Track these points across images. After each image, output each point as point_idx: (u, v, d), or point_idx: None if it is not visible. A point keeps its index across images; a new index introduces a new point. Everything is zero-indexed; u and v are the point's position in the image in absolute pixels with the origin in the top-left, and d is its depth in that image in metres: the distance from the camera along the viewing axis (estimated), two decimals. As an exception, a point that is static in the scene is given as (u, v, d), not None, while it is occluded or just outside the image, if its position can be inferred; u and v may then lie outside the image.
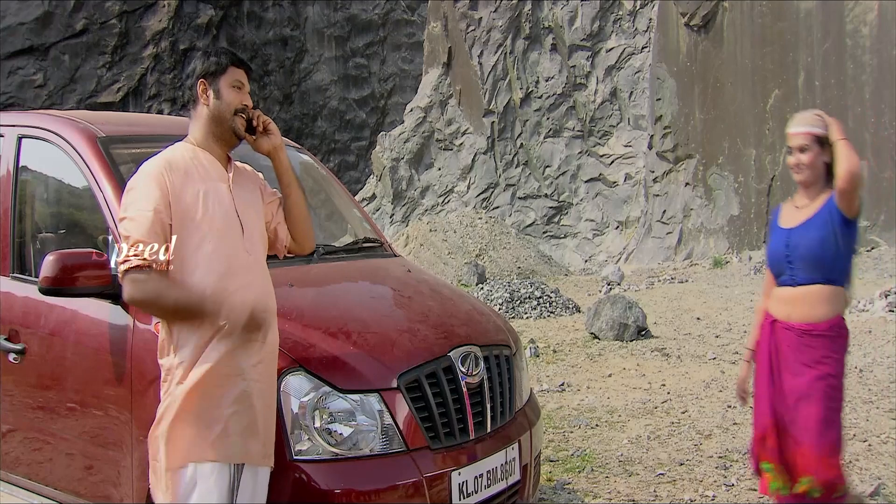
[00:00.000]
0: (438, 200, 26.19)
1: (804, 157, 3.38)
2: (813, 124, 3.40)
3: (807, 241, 3.33)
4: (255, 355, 2.70)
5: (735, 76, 17.54)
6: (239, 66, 2.85)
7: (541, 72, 25.69)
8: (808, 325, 3.31)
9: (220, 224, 2.72)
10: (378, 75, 37.17)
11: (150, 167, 2.73)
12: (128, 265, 2.59)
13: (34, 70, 30.26)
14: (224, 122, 2.82)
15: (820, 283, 3.32)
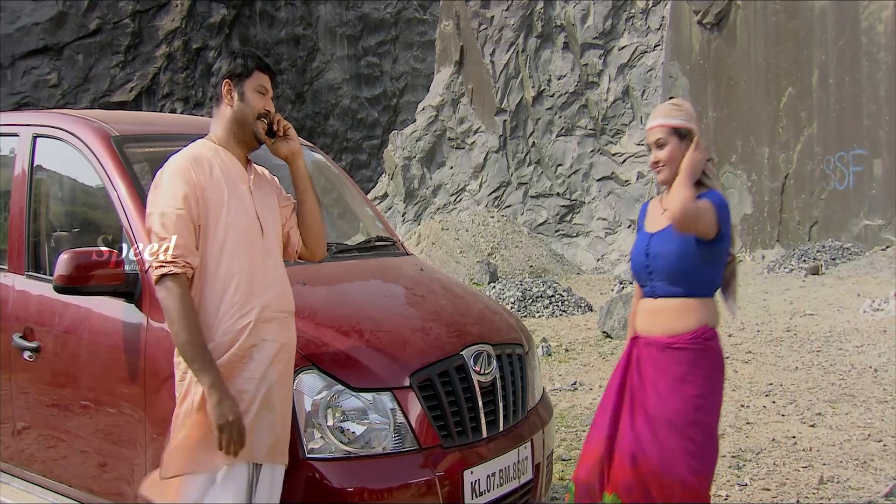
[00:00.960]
0: (450, 199, 26.18)
1: (662, 153, 2.99)
2: (668, 115, 3.01)
3: (665, 253, 2.94)
4: (273, 356, 2.71)
5: (748, 74, 17.46)
6: (265, 72, 2.87)
7: (553, 70, 25.64)
8: (669, 339, 2.89)
9: (242, 224, 2.74)
10: (390, 74, 37.19)
11: (177, 163, 2.75)
12: (164, 270, 2.61)
13: (48, 70, 30.41)
14: (246, 125, 2.84)
15: (681, 296, 2.93)
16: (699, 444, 2.83)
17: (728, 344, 8.59)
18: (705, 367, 2.88)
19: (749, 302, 11.00)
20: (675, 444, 2.81)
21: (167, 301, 2.64)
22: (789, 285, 12.23)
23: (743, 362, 7.80)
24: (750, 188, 17.45)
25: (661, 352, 2.91)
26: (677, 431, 2.82)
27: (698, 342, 2.88)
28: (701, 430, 2.84)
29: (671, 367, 2.88)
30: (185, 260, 2.63)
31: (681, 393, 2.84)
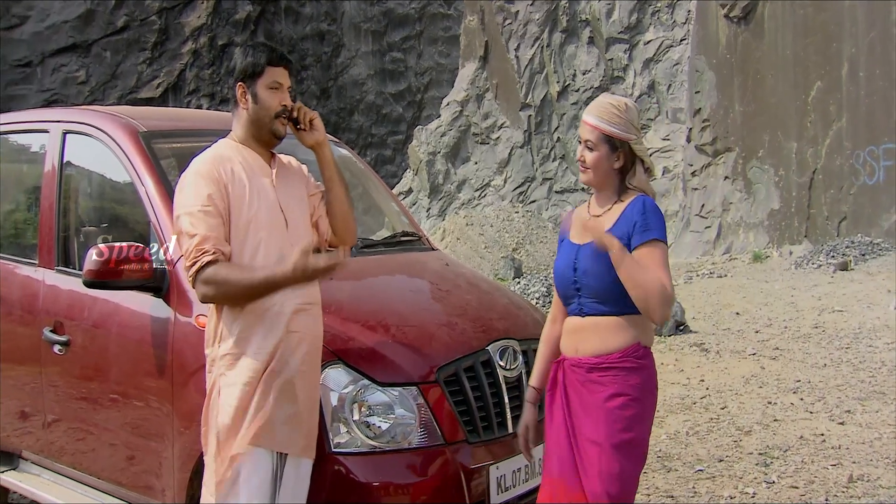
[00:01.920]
0: (475, 194, 26.15)
1: (589, 155, 2.71)
2: (606, 118, 2.69)
3: (596, 269, 2.64)
4: (299, 347, 2.73)
5: (776, 68, 17.27)
6: (277, 65, 2.83)
7: (578, 65, 25.51)
8: (597, 359, 2.64)
9: (265, 219, 2.76)
10: (414, 69, 37.18)
11: (199, 164, 2.77)
12: (196, 265, 2.63)
13: (77, 67, 30.72)
14: (263, 126, 2.85)
15: (611, 314, 2.66)
16: (622, 469, 2.59)
17: (755, 340, 8.52)
18: (635, 388, 2.62)
19: (776, 298, 10.90)
20: (597, 465, 2.59)
21: (209, 290, 2.65)
22: (817, 281, 12.10)
23: (770, 359, 7.73)
24: (777, 183, 17.27)
25: (588, 373, 2.65)
26: (599, 451, 2.59)
27: (628, 360, 2.63)
28: (626, 453, 2.60)
29: (598, 388, 2.63)
30: (216, 247, 2.65)
31: (606, 413, 2.60)
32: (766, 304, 10.53)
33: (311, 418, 2.77)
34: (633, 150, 2.71)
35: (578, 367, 2.67)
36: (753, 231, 17.61)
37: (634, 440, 2.62)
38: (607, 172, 2.72)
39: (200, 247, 2.64)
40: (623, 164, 2.71)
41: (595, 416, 2.62)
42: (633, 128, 2.71)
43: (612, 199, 2.75)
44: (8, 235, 4.49)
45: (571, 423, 2.68)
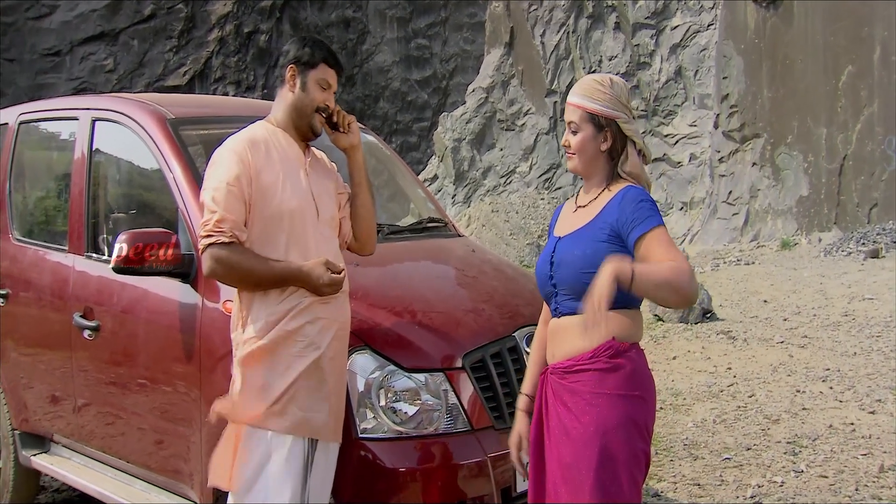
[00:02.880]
0: (500, 181, 26.07)
1: (574, 139, 2.48)
2: (589, 96, 2.46)
3: (570, 259, 2.40)
4: (326, 332, 2.74)
5: (805, 53, 17.02)
6: (331, 66, 2.88)
7: (604, 51, 25.31)
8: (569, 361, 2.38)
9: (296, 206, 2.77)
10: (440, 56, 37.08)
11: (234, 143, 2.79)
12: (211, 240, 2.65)
13: (105, 55, 30.95)
14: (304, 115, 2.87)
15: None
16: (609, 491, 2.29)
17: (783, 328, 8.44)
18: (611, 393, 2.32)
19: (805, 286, 10.79)
20: (583, 494, 2.30)
21: (217, 268, 2.68)
22: (847, 269, 11.95)
23: (799, 347, 7.65)
24: (806, 170, 17.06)
25: (561, 378, 2.39)
26: (583, 479, 2.30)
27: (601, 360, 2.33)
28: (611, 472, 2.29)
29: (571, 396, 2.36)
30: (234, 232, 2.67)
31: (581, 432, 2.31)
32: (795, 292, 10.42)
33: (339, 403, 2.79)
34: (623, 129, 2.46)
35: (554, 374, 2.44)
36: (782, 218, 17.42)
37: (621, 455, 2.31)
38: (594, 156, 2.48)
39: (219, 226, 2.66)
40: (611, 145, 2.47)
41: (573, 440, 2.33)
42: (621, 104, 2.47)
43: (601, 187, 2.50)
44: (39, 222, 4.54)
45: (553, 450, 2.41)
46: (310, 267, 2.69)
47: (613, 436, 2.31)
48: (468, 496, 2.93)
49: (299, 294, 2.72)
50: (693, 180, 22.57)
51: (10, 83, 29.02)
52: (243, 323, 2.75)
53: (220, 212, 2.66)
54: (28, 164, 4.70)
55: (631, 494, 2.32)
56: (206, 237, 2.68)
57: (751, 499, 4.45)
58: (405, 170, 4.64)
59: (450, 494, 2.90)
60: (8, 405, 4.37)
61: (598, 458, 2.29)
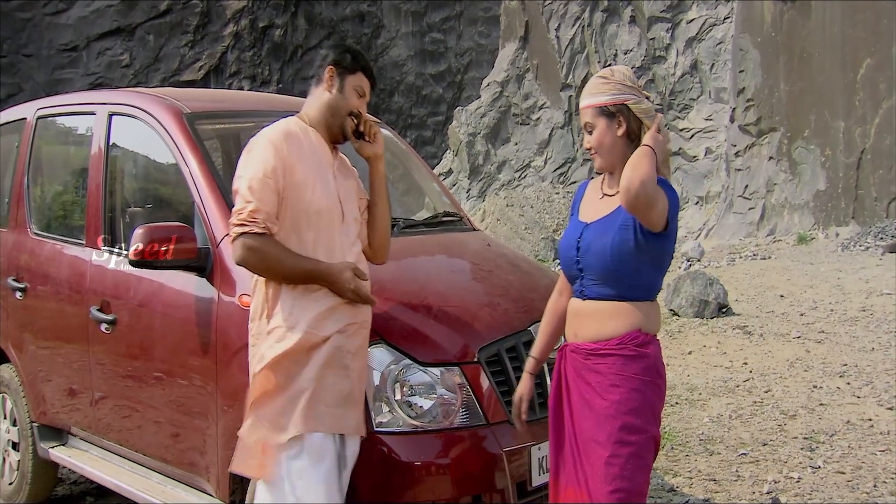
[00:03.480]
0: (515, 175, 26.02)
1: (591, 138, 2.60)
2: (595, 93, 2.58)
3: (599, 247, 2.52)
4: (348, 332, 2.74)
5: (823, 46, 16.88)
6: (368, 77, 2.95)
7: (619, 45, 25.19)
8: (594, 344, 2.53)
9: (325, 206, 2.79)
10: (454, 50, 37.02)
11: (271, 133, 2.80)
12: (244, 230, 2.67)
13: (121, 50, 31.09)
14: (338, 116, 2.90)
15: (613, 299, 2.54)
16: (624, 465, 2.45)
17: (800, 323, 8.39)
18: (633, 376, 2.49)
19: (822, 281, 10.71)
20: (598, 464, 2.47)
21: (248, 256, 2.69)
22: (865, 263, 11.86)
23: (815, 342, 7.60)
24: (823, 164, 16.93)
25: (585, 359, 2.54)
26: (601, 449, 2.47)
27: (627, 348, 2.50)
28: (628, 450, 2.46)
29: (594, 376, 2.52)
30: (267, 224, 2.68)
31: (605, 407, 2.48)
32: (812, 287, 10.35)
33: (362, 397, 2.79)
34: (634, 111, 2.55)
35: (576, 353, 2.58)
36: (798, 212, 17.31)
37: (637, 435, 2.47)
38: (613, 144, 2.57)
39: (253, 216, 2.67)
40: (626, 128, 2.55)
41: (595, 413, 2.51)
42: (627, 88, 2.56)
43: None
44: (56, 216, 4.57)
45: (572, 422, 2.59)
46: (339, 269, 2.72)
47: (633, 417, 2.48)
48: (484, 490, 2.93)
49: (325, 291, 2.73)
50: (709, 174, 22.46)
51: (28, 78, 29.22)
52: (268, 314, 2.75)
53: (255, 202, 2.67)
54: (46, 159, 4.73)
55: (643, 472, 2.50)
56: (239, 226, 2.69)
57: (767, 494, 4.43)
58: (420, 164, 4.64)
59: (465, 488, 2.91)
60: (27, 398, 4.41)
61: (617, 434, 2.46)
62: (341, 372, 2.71)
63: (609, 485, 2.45)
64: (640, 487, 2.49)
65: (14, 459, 4.58)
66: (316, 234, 2.77)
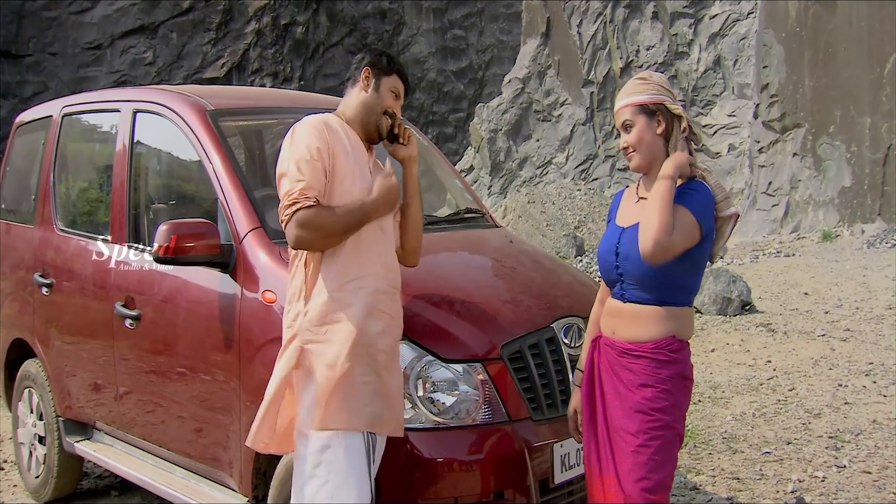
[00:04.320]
0: (537, 172, 25.96)
1: (630, 136, 2.64)
2: (634, 93, 2.65)
3: (637, 256, 2.56)
4: (384, 327, 2.74)
5: (849, 41, 16.69)
6: (402, 80, 2.99)
7: (641, 41, 25.06)
8: (630, 345, 2.62)
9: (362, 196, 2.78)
10: (476, 47, 36.96)
11: (311, 119, 2.82)
12: (297, 206, 2.66)
13: (144, 48, 31.30)
14: (374, 114, 2.92)
15: (652, 303, 2.61)
16: (652, 456, 2.54)
17: (824, 321, 8.31)
18: (665, 379, 2.57)
19: (847, 278, 10.61)
20: (627, 454, 2.57)
21: (304, 234, 2.67)
22: (891, 261, 11.73)
23: (840, 340, 7.53)
24: (849, 160, 16.76)
25: (619, 356, 2.64)
26: (632, 439, 2.57)
27: (662, 353, 2.58)
28: (656, 443, 2.55)
29: (627, 373, 2.61)
30: (318, 197, 2.69)
31: (636, 402, 2.57)
32: (836, 285, 10.25)
33: (397, 396, 2.78)
34: (671, 109, 2.63)
35: (611, 348, 2.67)
36: (823, 209, 17.14)
37: (665, 430, 2.57)
38: (652, 143, 2.63)
39: (305, 192, 2.66)
40: (665, 127, 2.62)
41: (626, 406, 2.60)
42: (664, 90, 2.65)
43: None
44: (81, 212, 4.60)
45: (604, 412, 2.67)
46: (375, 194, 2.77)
47: (662, 413, 2.56)
48: (506, 487, 2.93)
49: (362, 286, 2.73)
50: (732, 171, 22.31)
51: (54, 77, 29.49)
52: (305, 297, 2.76)
53: (306, 181, 2.67)
54: (71, 156, 4.77)
55: (669, 466, 2.59)
56: (292, 204, 2.67)
57: (791, 493, 4.39)
58: (442, 160, 4.63)
59: (488, 485, 2.90)
60: (52, 392, 4.45)
61: (646, 426, 2.55)
62: (372, 368, 2.71)
63: (636, 473, 2.54)
64: (666, 481, 2.57)
65: (40, 453, 4.63)
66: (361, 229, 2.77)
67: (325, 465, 2.65)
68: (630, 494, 2.56)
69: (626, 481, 2.57)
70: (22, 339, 4.72)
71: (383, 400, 2.71)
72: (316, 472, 2.66)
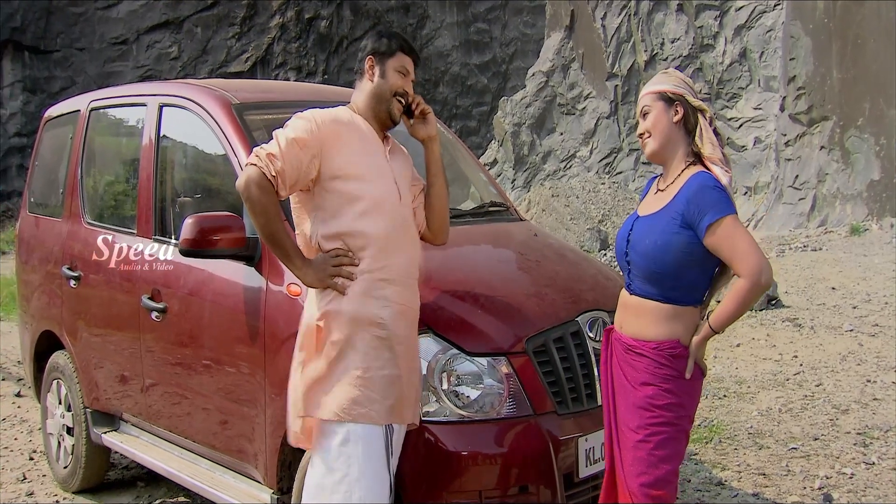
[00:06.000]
0: (560, 165, 25.84)
1: (646, 121, 2.67)
2: (656, 82, 2.70)
3: (642, 247, 2.58)
4: (400, 320, 2.74)
5: (878, 32, 16.45)
6: (407, 54, 2.95)
7: (666, 33, 24.84)
8: (634, 341, 2.62)
9: (378, 187, 2.79)
10: (500, 40, 36.83)
11: (319, 112, 2.83)
12: (256, 164, 2.69)
13: (169, 43, 31.46)
14: (383, 101, 2.91)
15: (656, 299, 2.59)
16: (651, 454, 2.56)
17: (852, 316, 8.22)
18: (667, 378, 2.57)
19: (876, 273, 10.48)
20: (629, 451, 2.61)
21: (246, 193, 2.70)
22: (920, 256, 11.59)
23: (869, 335, 7.44)
24: (878, 153, 16.54)
25: (625, 352, 2.66)
26: (632, 435, 2.60)
27: (661, 355, 2.57)
28: (656, 439, 2.57)
29: (630, 370, 2.63)
30: (281, 178, 2.68)
31: (638, 398, 2.59)
32: (865, 279, 10.13)
33: (413, 386, 2.78)
34: (690, 102, 2.64)
35: (619, 342, 2.71)
36: (851, 203, 16.94)
37: (668, 429, 2.57)
38: (668, 130, 2.64)
39: (272, 159, 2.68)
40: (682, 116, 2.64)
41: (629, 401, 2.63)
42: (685, 84, 2.68)
43: (679, 170, 2.65)
44: (108, 206, 4.64)
45: (613, 405, 2.71)
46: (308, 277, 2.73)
47: (663, 411, 2.57)
48: (530, 481, 2.92)
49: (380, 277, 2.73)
50: (758, 164, 22.08)
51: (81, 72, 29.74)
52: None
53: (279, 156, 2.68)
54: (99, 150, 4.81)
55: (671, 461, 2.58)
56: (256, 157, 2.70)
57: (819, 490, 4.35)
58: (466, 154, 4.62)
59: (512, 479, 2.90)
60: (80, 384, 4.50)
61: (646, 423, 2.57)
62: (389, 359, 2.70)
63: (635, 468, 2.59)
64: (668, 477, 2.58)
65: (69, 444, 4.68)
66: (372, 215, 2.75)
67: (344, 458, 2.66)
68: (632, 490, 2.59)
69: (627, 476, 2.61)
70: (50, 330, 4.78)
71: (400, 391, 2.71)
72: (335, 467, 2.67)
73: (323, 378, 2.69)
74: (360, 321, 2.70)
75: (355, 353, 2.68)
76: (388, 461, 2.69)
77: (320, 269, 2.72)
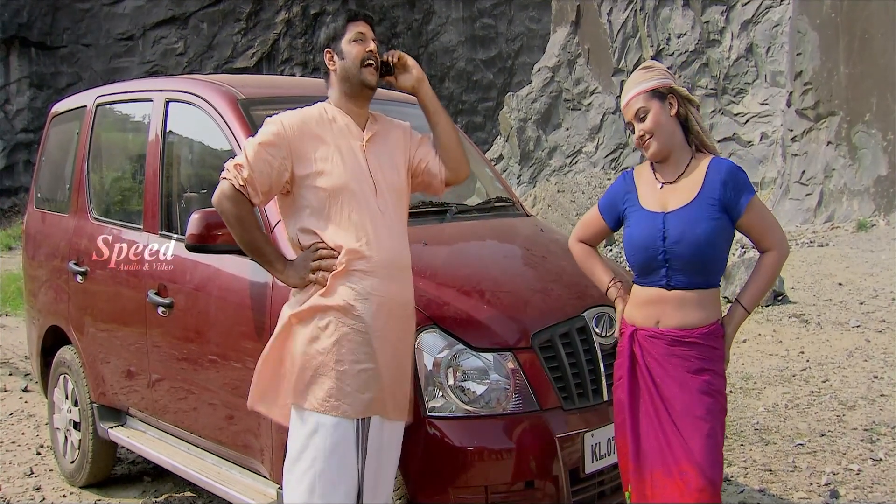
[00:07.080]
0: (566, 161, 25.80)
1: (645, 123, 2.64)
2: (642, 81, 2.67)
3: (692, 239, 2.58)
4: (379, 310, 2.72)
5: (886, 27, 16.37)
6: (356, 20, 2.88)
7: (672, 28, 24.77)
8: (680, 332, 2.61)
9: (352, 182, 2.75)
10: (505, 35, 36.77)
11: (285, 115, 2.82)
12: (227, 177, 2.72)
13: (175, 39, 31.48)
14: (352, 77, 2.85)
15: (700, 287, 2.63)
16: (720, 442, 2.61)
17: (859, 312, 8.20)
18: (717, 360, 2.64)
19: (883, 269, 10.45)
20: (699, 437, 2.58)
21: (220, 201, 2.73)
22: (928, 251, 11.55)
23: (876, 332, 7.42)
24: (885, 148, 16.47)
25: (669, 346, 2.62)
26: (702, 423, 2.58)
27: (711, 338, 2.62)
28: (720, 426, 2.63)
29: (680, 361, 2.61)
30: (248, 187, 2.70)
31: (700, 384, 2.60)
32: (872, 275, 10.10)
33: (397, 380, 2.75)
34: (679, 92, 2.67)
35: (658, 339, 2.65)
36: (858, 198, 16.88)
37: (724, 414, 2.65)
38: (668, 125, 2.65)
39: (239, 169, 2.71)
40: (677, 108, 2.67)
41: (691, 389, 2.60)
42: (667, 73, 2.71)
43: (685, 161, 2.68)
44: (115, 201, 4.65)
45: (662, 404, 2.64)
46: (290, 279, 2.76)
47: (721, 397, 2.64)
48: (536, 476, 2.92)
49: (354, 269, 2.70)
50: (764, 160, 22.03)
51: (87, 67, 29.79)
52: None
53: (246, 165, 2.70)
54: (105, 146, 4.81)
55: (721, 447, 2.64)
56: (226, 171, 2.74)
57: (825, 486, 4.34)
58: (472, 149, 4.61)
59: (518, 474, 2.90)
60: (87, 379, 4.51)
61: (714, 410, 2.61)
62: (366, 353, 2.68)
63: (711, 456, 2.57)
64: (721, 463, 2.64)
65: (76, 439, 4.69)
66: (345, 208, 2.73)
67: (311, 449, 2.66)
68: (712, 479, 2.56)
69: (706, 462, 2.56)
70: (57, 326, 4.79)
71: (373, 382, 2.68)
72: (302, 456, 2.67)
73: (302, 368, 2.68)
74: (336, 313, 2.68)
75: (332, 345, 2.66)
76: (357, 456, 2.66)
77: (301, 267, 2.73)
